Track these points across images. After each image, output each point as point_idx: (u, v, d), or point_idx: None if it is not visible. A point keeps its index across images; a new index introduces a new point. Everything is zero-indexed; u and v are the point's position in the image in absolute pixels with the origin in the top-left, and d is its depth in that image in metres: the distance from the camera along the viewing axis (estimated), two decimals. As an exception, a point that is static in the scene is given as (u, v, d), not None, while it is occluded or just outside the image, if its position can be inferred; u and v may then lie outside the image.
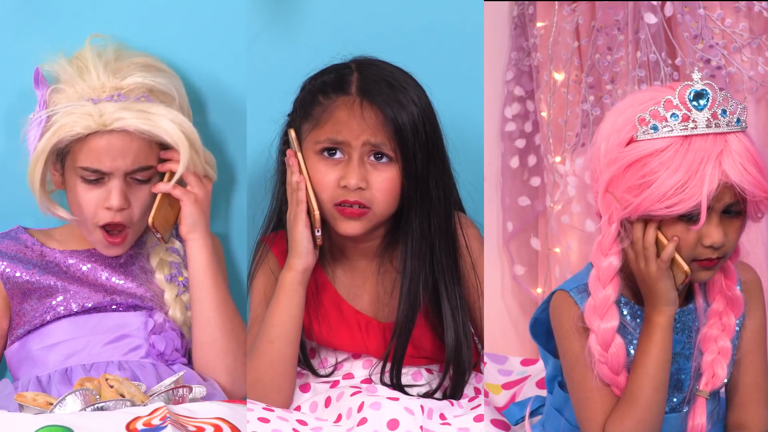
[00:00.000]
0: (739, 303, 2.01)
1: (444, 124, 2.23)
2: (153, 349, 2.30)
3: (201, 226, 2.31)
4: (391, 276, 2.26)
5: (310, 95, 2.22)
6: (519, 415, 2.27)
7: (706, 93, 1.91)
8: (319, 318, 2.25)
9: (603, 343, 1.95)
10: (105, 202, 2.26)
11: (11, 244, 2.34)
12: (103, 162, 2.24)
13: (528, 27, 2.56)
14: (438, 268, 2.22)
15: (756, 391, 2.05)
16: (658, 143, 1.90)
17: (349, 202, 2.18)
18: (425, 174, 2.19)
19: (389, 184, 2.19)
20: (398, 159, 2.18)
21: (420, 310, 2.22)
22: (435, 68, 2.26)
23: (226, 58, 2.43)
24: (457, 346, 2.22)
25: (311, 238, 2.18)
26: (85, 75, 2.27)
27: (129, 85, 2.26)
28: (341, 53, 2.25)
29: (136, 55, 2.33)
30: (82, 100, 2.24)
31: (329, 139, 2.18)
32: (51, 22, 2.40)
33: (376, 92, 2.17)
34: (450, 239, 2.24)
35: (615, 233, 1.94)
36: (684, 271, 1.93)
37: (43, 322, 2.30)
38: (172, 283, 2.36)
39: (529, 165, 2.60)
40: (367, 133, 2.17)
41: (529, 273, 2.63)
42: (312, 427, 2.12)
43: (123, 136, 2.23)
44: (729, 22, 2.43)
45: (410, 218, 2.21)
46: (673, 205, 1.89)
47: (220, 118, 2.47)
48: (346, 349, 2.26)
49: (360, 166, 2.17)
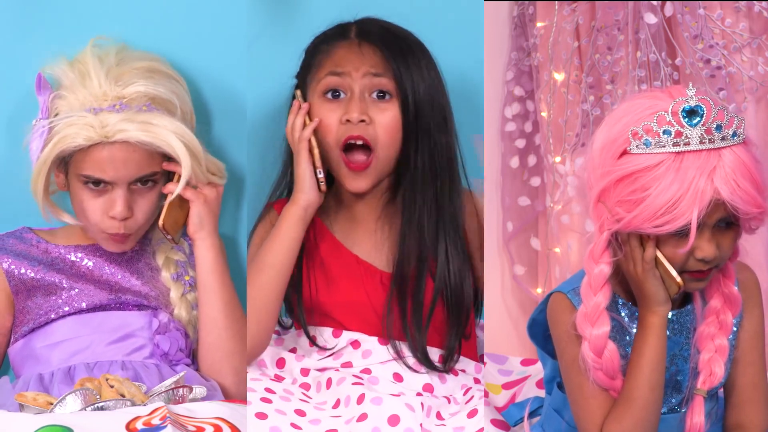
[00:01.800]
0: (737, 301, 2.01)
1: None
2: (157, 349, 2.30)
3: (209, 227, 2.31)
4: (392, 225, 2.28)
5: (313, 48, 2.27)
6: (518, 416, 2.27)
7: (700, 109, 1.88)
8: (317, 272, 2.27)
9: (595, 350, 1.94)
10: (109, 210, 2.26)
11: (16, 243, 2.35)
12: (106, 172, 2.24)
13: (528, 27, 2.56)
14: (438, 212, 2.23)
15: (754, 390, 2.04)
16: (651, 158, 1.88)
17: (353, 137, 2.21)
18: (425, 114, 2.22)
19: (391, 120, 2.22)
20: (398, 95, 2.21)
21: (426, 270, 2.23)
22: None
23: (227, 58, 2.44)
24: (455, 281, 2.23)
25: (314, 175, 2.21)
26: (87, 81, 2.26)
27: (131, 94, 2.25)
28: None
29: (140, 58, 2.32)
30: (83, 108, 2.24)
31: (330, 72, 2.22)
32: (52, 23, 2.40)
33: (374, 35, 2.24)
34: (453, 186, 2.25)
35: (606, 241, 1.93)
36: (677, 283, 1.93)
37: (48, 320, 2.31)
38: (178, 282, 2.36)
39: (529, 165, 2.60)
40: (366, 64, 2.21)
41: (529, 273, 2.63)
42: (310, 419, 2.12)
43: (125, 146, 2.23)
44: (729, 22, 2.43)
45: (409, 158, 2.23)
46: (662, 225, 1.87)
47: (220, 119, 2.47)
48: (349, 298, 2.26)
49: (362, 101, 2.21)
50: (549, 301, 2.03)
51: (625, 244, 1.93)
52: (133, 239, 2.32)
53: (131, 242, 2.33)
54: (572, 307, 1.99)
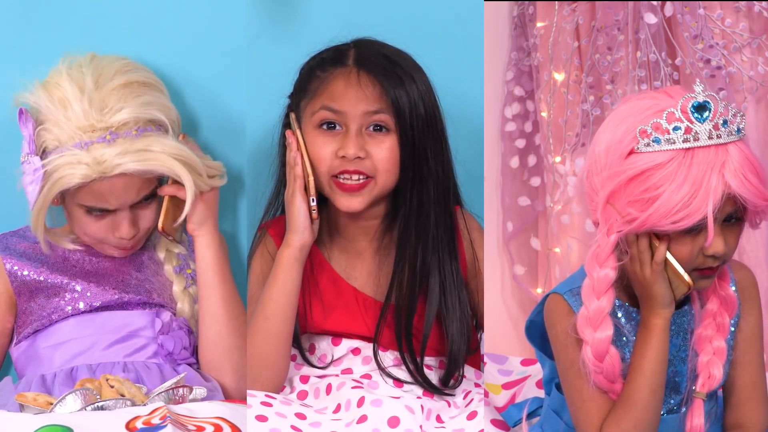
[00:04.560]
0: (733, 302, 2.01)
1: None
2: (162, 349, 2.30)
3: (208, 223, 2.31)
4: (389, 256, 2.25)
5: (308, 72, 2.23)
6: (517, 417, 2.26)
7: (709, 105, 1.89)
8: (314, 298, 2.25)
9: (597, 354, 1.94)
10: (115, 231, 2.28)
11: (20, 242, 2.35)
12: (109, 201, 2.25)
13: (528, 27, 2.56)
14: (435, 241, 2.21)
15: (753, 390, 2.04)
16: (661, 156, 1.88)
17: (349, 171, 2.17)
18: (423, 146, 2.18)
19: (389, 153, 2.18)
20: (396, 128, 2.17)
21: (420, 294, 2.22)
22: (435, 68, 2.25)
23: (227, 58, 2.44)
24: (452, 323, 2.21)
25: (308, 214, 2.18)
26: (69, 113, 2.21)
27: (118, 122, 2.21)
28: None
29: (113, 70, 2.26)
30: (72, 142, 2.20)
31: (324, 107, 2.18)
32: (53, 22, 2.41)
33: (372, 63, 2.18)
34: (448, 215, 2.23)
35: (613, 244, 1.93)
36: (686, 283, 1.92)
37: (51, 322, 2.31)
38: (181, 275, 2.37)
39: (529, 165, 2.60)
40: (364, 102, 2.17)
41: (529, 273, 2.63)
42: (311, 421, 2.12)
43: (124, 176, 2.22)
44: (729, 22, 2.43)
45: (407, 190, 2.20)
46: (679, 221, 1.87)
47: (220, 118, 2.47)
48: (343, 328, 2.25)
49: (358, 136, 2.18)
50: (546, 302, 2.03)
51: (631, 247, 1.93)
52: (138, 245, 2.34)
53: (136, 248, 2.34)
54: (569, 309, 1.98)
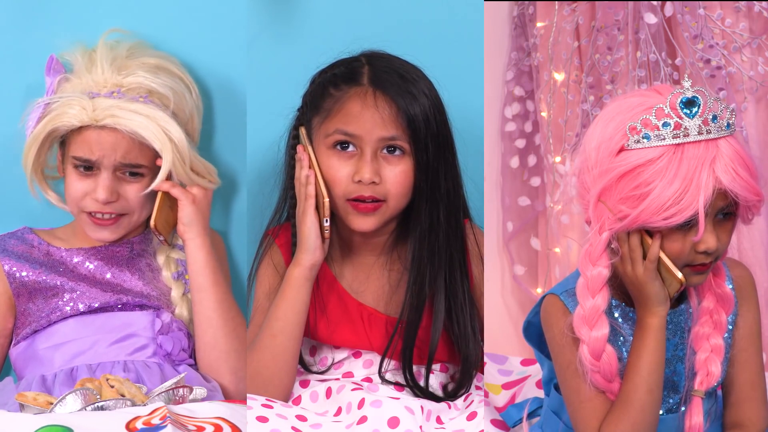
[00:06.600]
0: (730, 300, 2.01)
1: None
2: (160, 349, 2.30)
3: (197, 226, 2.31)
4: (397, 271, 2.26)
5: (321, 88, 2.21)
6: (517, 417, 2.26)
7: (698, 100, 1.89)
8: (320, 313, 2.25)
9: (594, 353, 1.94)
10: (93, 193, 2.29)
11: (18, 244, 2.36)
12: (93, 152, 2.27)
13: (528, 27, 2.56)
14: (446, 260, 2.22)
15: (752, 388, 2.04)
16: (651, 152, 1.88)
17: (364, 197, 2.17)
18: (436, 166, 2.18)
19: (403, 177, 2.18)
20: (411, 151, 2.17)
21: (426, 306, 2.22)
22: (435, 68, 2.25)
23: (227, 57, 2.44)
24: (464, 341, 2.22)
25: (320, 233, 2.17)
26: (93, 68, 2.31)
27: (129, 84, 2.29)
28: (345, 50, 2.24)
29: (152, 55, 2.36)
30: (84, 92, 2.28)
31: (339, 131, 2.17)
32: (51, 23, 2.41)
33: (388, 83, 2.17)
34: (459, 233, 2.24)
35: (605, 242, 1.93)
36: (679, 280, 1.92)
37: (50, 322, 2.31)
38: (179, 281, 2.37)
39: (529, 165, 2.60)
40: (380, 127, 2.16)
41: (529, 273, 2.63)
42: (311, 423, 2.12)
43: (114, 132, 2.26)
44: (729, 22, 2.43)
45: (420, 210, 2.21)
46: (670, 217, 1.87)
47: (220, 118, 2.47)
48: (348, 344, 2.25)
49: (373, 161, 2.17)
50: (542, 303, 2.03)
51: (623, 245, 1.93)
52: (121, 229, 2.33)
53: (118, 231, 2.33)
54: (565, 309, 1.98)
